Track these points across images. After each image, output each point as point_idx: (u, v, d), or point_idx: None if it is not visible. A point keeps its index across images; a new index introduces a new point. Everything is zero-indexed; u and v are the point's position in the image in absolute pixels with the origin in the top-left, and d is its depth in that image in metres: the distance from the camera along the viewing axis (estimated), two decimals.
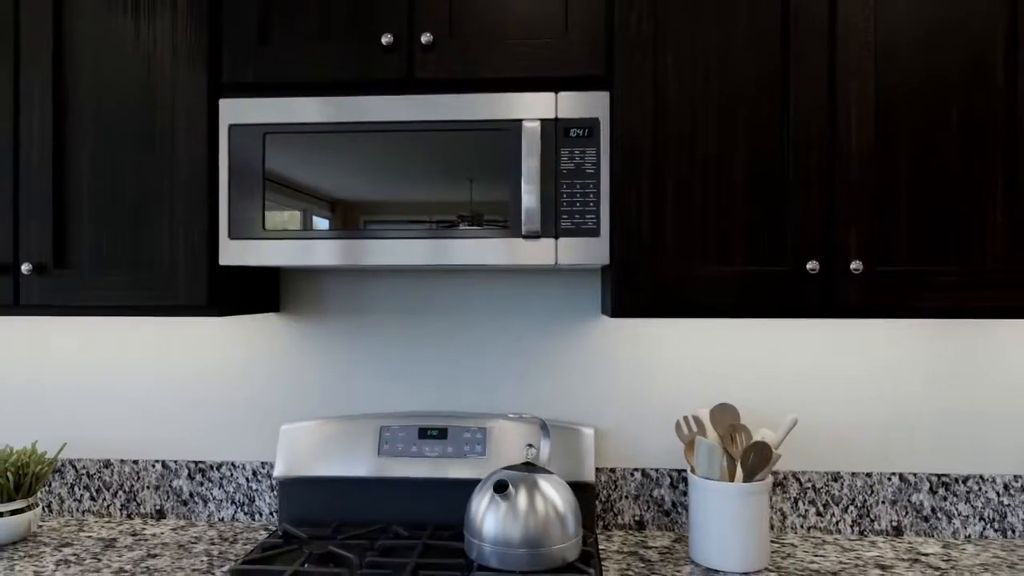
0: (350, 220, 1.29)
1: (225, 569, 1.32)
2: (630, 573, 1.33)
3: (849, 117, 1.23)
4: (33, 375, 1.69)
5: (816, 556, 1.41)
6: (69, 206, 1.36)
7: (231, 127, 1.32)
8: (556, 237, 1.27)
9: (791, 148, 1.24)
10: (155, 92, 1.34)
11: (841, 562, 1.38)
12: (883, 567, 1.36)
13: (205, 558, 1.41)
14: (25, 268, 1.34)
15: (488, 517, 1.31)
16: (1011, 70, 1.22)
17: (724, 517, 1.34)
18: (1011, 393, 1.54)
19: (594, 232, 1.27)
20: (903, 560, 1.40)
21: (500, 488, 1.30)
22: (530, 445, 1.45)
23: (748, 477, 1.35)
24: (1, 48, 1.36)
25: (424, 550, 1.41)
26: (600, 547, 1.48)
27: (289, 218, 1.30)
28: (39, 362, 1.69)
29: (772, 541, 1.50)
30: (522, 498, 1.32)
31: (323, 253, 1.29)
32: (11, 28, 1.37)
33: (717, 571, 1.34)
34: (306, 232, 1.30)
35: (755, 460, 1.34)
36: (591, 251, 1.27)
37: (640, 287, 1.26)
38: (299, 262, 1.30)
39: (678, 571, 1.34)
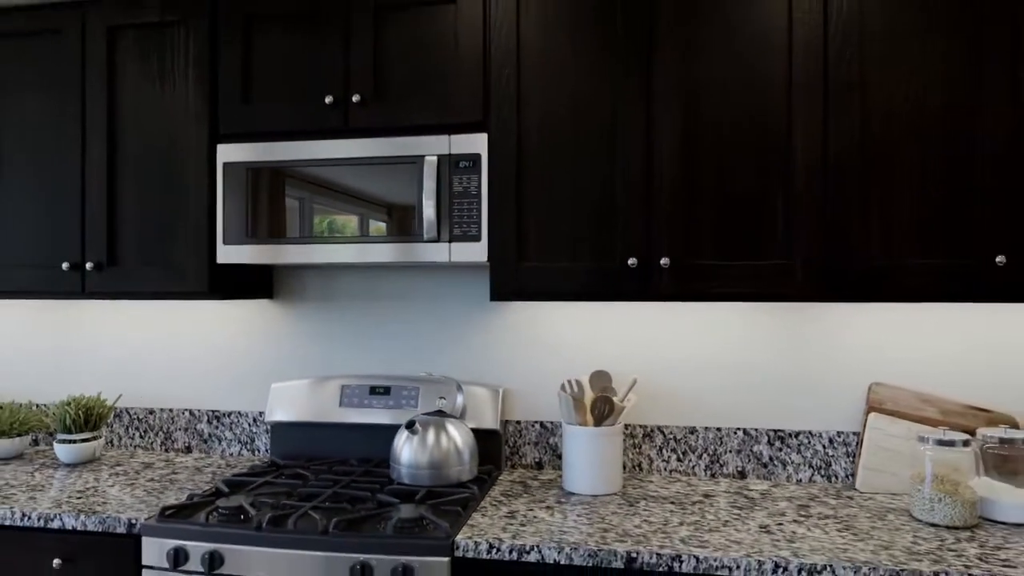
0: (306, 231, 1.79)
1: (220, 480, 1.85)
2: (509, 493, 1.78)
3: (663, 156, 1.64)
4: (98, 345, 2.29)
5: (662, 488, 1.82)
6: (118, 221, 1.92)
7: (224, 164, 1.84)
8: (449, 241, 1.73)
9: (620, 177, 1.66)
10: (173, 140, 1.88)
11: (678, 492, 1.79)
12: (707, 496, 1.75)
13: (211, 476, 1.95)
14: (88, 266, 1.91)
15: (404, 448, 1.79)
16: (787, 116, 1.60)
17: (581, 453, 1.77)
18: (836, 364, 1.89)
19: (477, 238, 1.72)
20: (728, 493, 1.78)
21: (409, 425, 1.77)
22: (442, 397, 1.92)
23: (599, 423, 1.77)
24: (72, 109, 1.94)
25: (363, 473, 1.90)
26: (500, 478, 1.92)
27: (266, 228, 1.81)
28: (102, 336, 2.28)
29: (636, 479, 1.91)
30: (431, 435, 1.79)
31: (285, 254, 1.80)
32: (79, 95, 1.93)
33: (575, 494, 1.77)
34: (274, 239, 1.80)
35: (604, 410, 1.76)
36: (475, 252, 1.72)
37: (509, 278, 1.71)
38: (269, 260, 1.81)
39: (546, 493, 1.78)
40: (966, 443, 1.56)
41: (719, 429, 1.93)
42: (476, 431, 1.97)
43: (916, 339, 1.86)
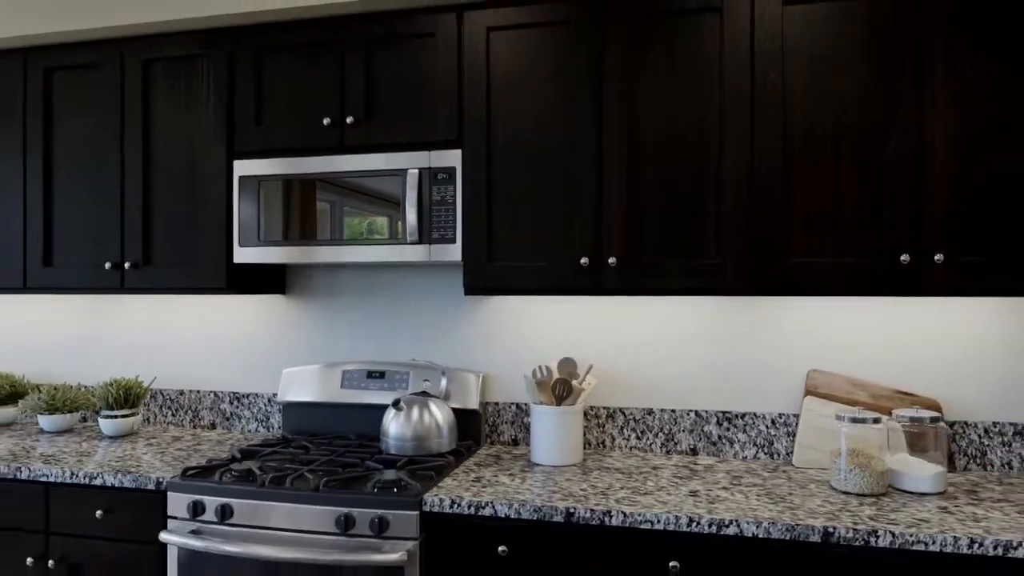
0: (308, 235, 2.07)
1: (236, 449, 2.15)
2: (482, 463, 2.03)
3: (611, 170, 1.87)
4: (136, 334, 2.61)
5: (618, 462, 2.05)
6: (151, 227, 2.23)
7: (240, 177, 2.14)
8: (429, 243, 1.99)
9: (574, 187, 1.90)
10: (197, 156, 2.19)
11: (631, 465, 2.02)
12: (655, 468, 1.98)
13: (229, 447, 2.25)
14: (127, 265, 2.22)
15: (392, 423, 2.06)
16: (719, 133, 1.82)
17: (544, 429, 2.01)
18: (778, 353, 2.09)
19: (452, 240, 1.98)
20: (675, 466, 2.01)
21: (395, 404, 2.04)
22: (426, 380, 2.18)
23: (559, 403, 2.01)
24: (112, 130, 2.26)
25: (358, 446, 2.18)
26: (478, 451, 2.18)
27: (275, 232, 2.10)
28: (139, 326, 2.61)
29: (599, 455, 2.14)
30: (415, 412, 2.05)
31: (290, 255, 2.08)
32: (118, 118, 2.25)
33: (539, 464, 2.01)
34: (281, 241, 2.09)
35: (563, 392, 2.00)
36: (451, 253, 1.98)
37: (480, 275, 1.96)
38: (275, 260, 2.10)
39: (514, 464, 2.03)
40: (876, 420, 1.76)
41: (674, 411, 2.15)
42: (459, 411, 2.23)
43: (852, 330, 2.05)
